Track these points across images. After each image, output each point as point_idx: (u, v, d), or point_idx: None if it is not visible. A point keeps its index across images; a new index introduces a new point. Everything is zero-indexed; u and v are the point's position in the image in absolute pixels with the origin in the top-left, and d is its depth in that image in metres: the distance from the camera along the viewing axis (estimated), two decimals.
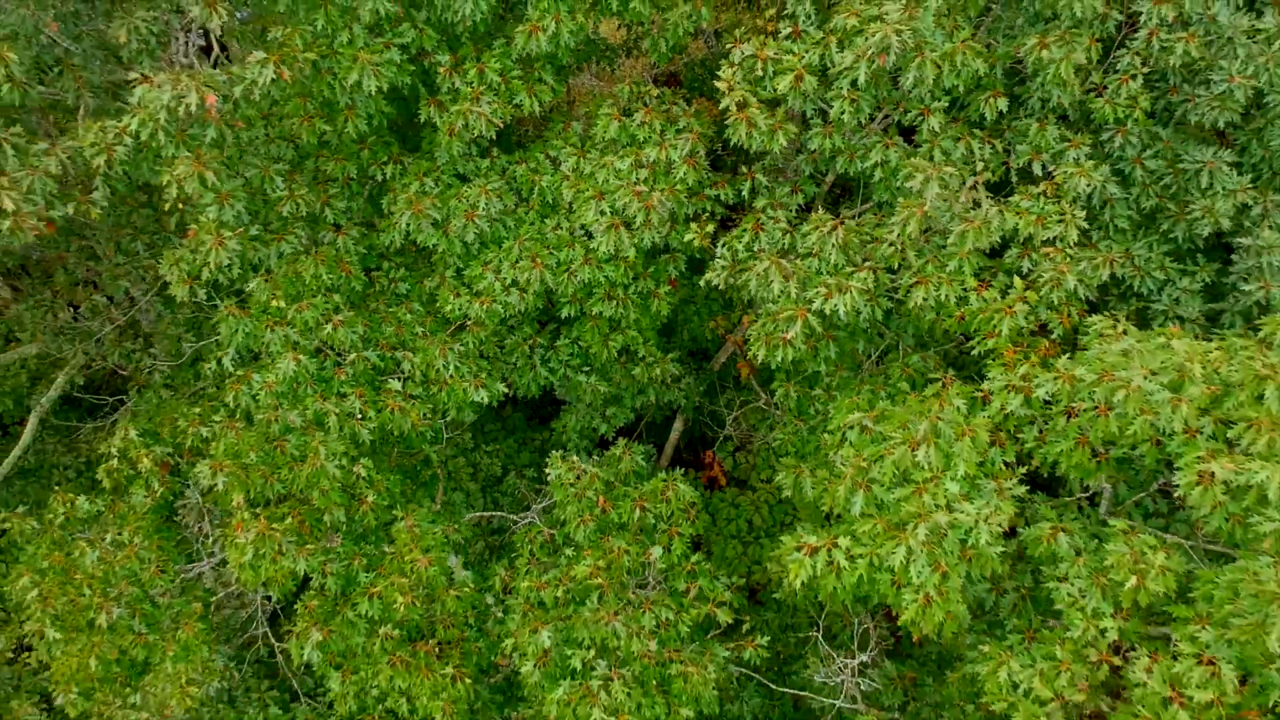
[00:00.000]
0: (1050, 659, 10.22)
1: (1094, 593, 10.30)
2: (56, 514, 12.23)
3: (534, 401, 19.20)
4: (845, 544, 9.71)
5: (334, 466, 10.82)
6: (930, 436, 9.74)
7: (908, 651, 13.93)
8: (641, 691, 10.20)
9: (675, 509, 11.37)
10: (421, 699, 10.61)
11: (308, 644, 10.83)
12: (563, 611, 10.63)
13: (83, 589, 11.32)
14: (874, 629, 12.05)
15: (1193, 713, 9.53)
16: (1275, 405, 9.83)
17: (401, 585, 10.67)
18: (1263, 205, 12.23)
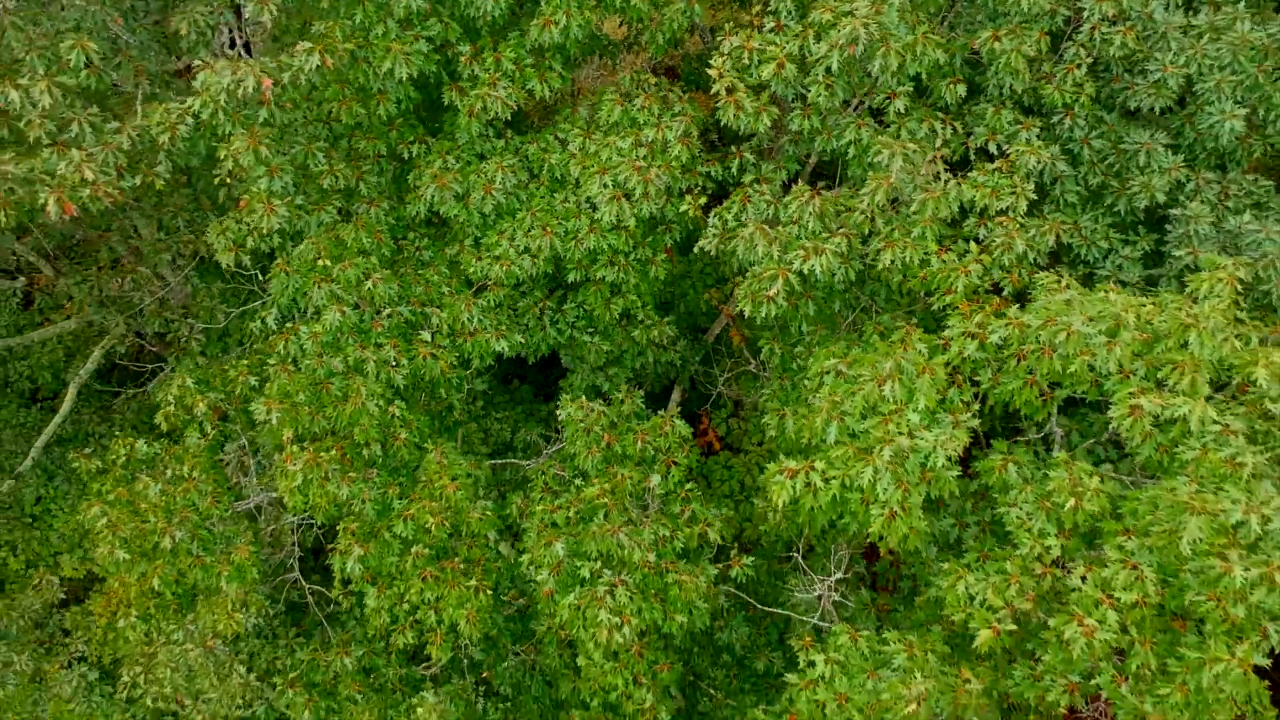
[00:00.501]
0: (1001, 573, 11.67)
1: (1039, 515, 11.76)
2: (118, 455, 13.65)
3: (540, 376, 20.66)
4: (821, 467, 11.17)
5: (374, 405, 12.25)
6: (895, 373, 11.23)
7: (882, 585, 15.40)
8: (641, 597, 11.63)
9: (672, 442, 12.84)
10: (448, 610, 12.03)
11: (350, 558, 12.26)
12: (573, 529, 12.07)
13: (147, 516, 12.73)
14: (848, 553, 13.47)
15: (1120, 612, 11.01)
16: (1197, 350, 11.34)
17: (432, 508, 12.11)
18: (1195, 182, 13.75)
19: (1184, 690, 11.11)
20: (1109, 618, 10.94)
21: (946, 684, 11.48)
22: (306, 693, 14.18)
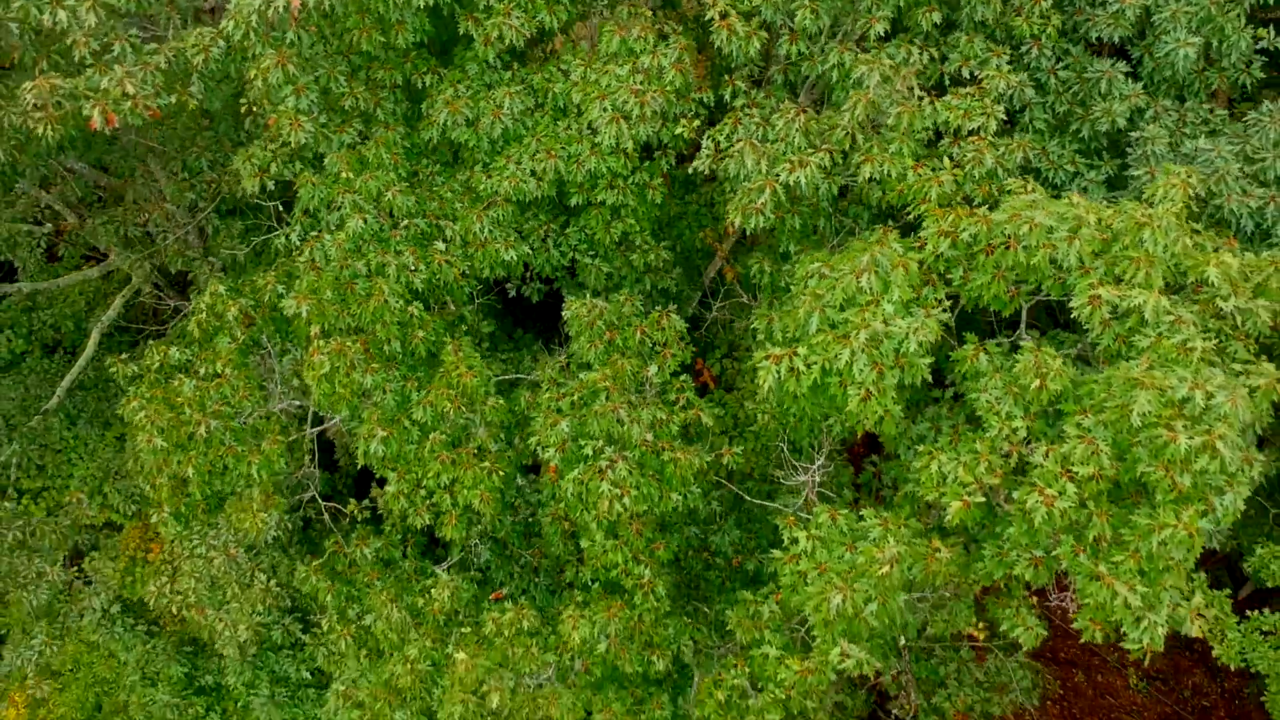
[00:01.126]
0: (972, 453, 12.70)
1: (1007, 400, 12.80)
2: (153, 361, 14.66)
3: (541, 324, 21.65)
4: (803, 353, 12.21)
5: (395, 301, 13.28)
6: (871, 266, 12.27)
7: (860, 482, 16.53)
8: (640, 473, 12.65)
9: (669, 336, 13.87)
10: (462, 492, 13.04)
11: (374, 440, 13.27)
12: (577, 412, 13.09)
13: (182, 409, 13.73)
14: (828, 442, 14.49)
15: (1078, 485, 12.04)
16: (1152, 246, 12.40)
17: (449, 395, 13.13)
18: (1154, 109, 14.81)
19: (1136, 557, 12.15)
20: (1068, 490, 11.97)
21: (918, 552, 12.50)
22: (328, 579, 15.18)
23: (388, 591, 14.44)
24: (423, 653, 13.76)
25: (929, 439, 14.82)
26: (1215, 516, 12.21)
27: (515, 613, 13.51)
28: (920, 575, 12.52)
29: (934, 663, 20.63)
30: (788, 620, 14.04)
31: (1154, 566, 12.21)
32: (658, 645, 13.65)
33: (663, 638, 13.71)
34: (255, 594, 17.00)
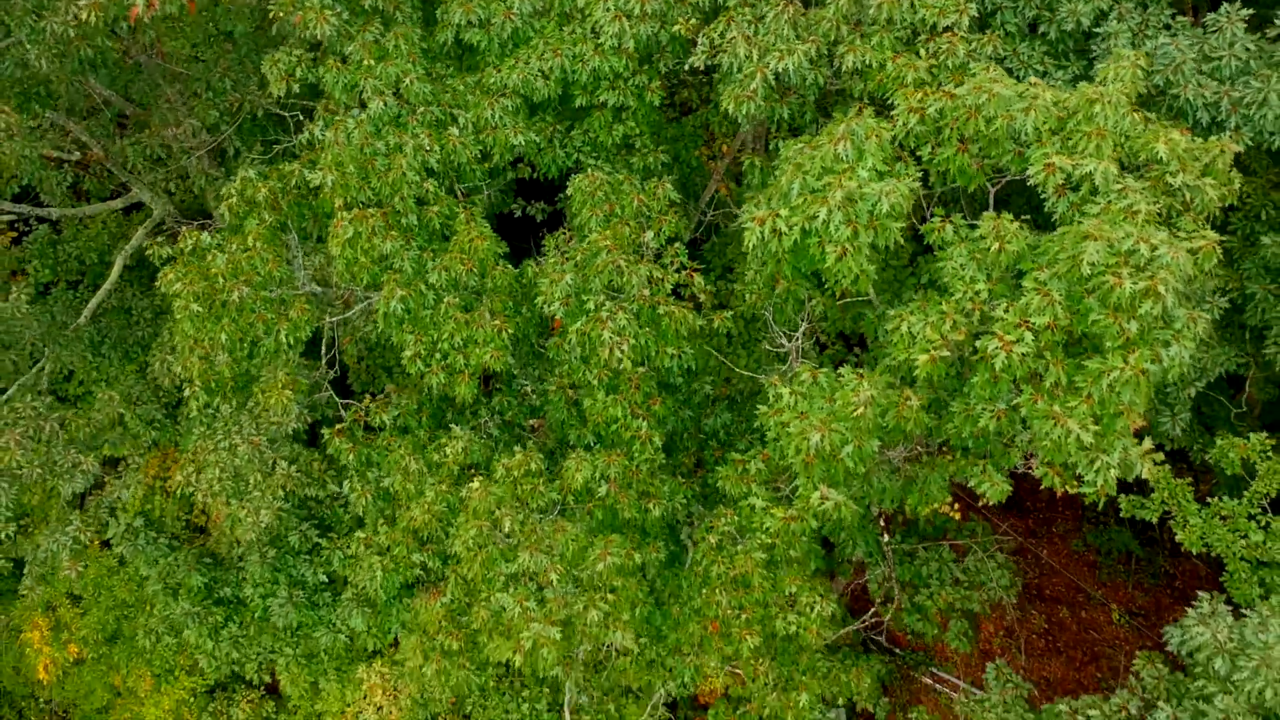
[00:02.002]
0: (939, 313, 13.95)
1: (971, 265, 14.07)
2: (186, 245, 15.93)
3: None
4: (785, 214, 13.50)
5: (413, 175, 14.55)
6: (847, 135, 13.56)
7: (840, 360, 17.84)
8: (637, 324, 13.92)
9: (664, 204, 15.16)
10: (474, 350, 14.30)
11: (393, 300, 14.52)
12: (580, 271, 14.36)
13: (216, 279, 15.00)
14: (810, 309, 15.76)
15: (1036, 334, 13.30)
16: (1102, 120, 13.67)
17: (462, 259, 14.40)
18: (1118, 11, 16.09)
19: (1089, 401, 13.41)
20: (1025, 338, 13.24)
21: (891, 399, 13.75)
22: (349, 441, 16.44)
23: (405, 448, 15.69)
24: (439, 496, 15.02)
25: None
26: (1162, 367, 13.47)
27: (524, 456, 14.78)
28: (893, 421, 13.74)
29: (916, 564, 21.87)
30: (773, 479, 15.29)
31: (1106, 411, 13.46)
32: (654, 495, 14.92)
33: (659, 490, 14.98)
34: (277, 480, 18.25)
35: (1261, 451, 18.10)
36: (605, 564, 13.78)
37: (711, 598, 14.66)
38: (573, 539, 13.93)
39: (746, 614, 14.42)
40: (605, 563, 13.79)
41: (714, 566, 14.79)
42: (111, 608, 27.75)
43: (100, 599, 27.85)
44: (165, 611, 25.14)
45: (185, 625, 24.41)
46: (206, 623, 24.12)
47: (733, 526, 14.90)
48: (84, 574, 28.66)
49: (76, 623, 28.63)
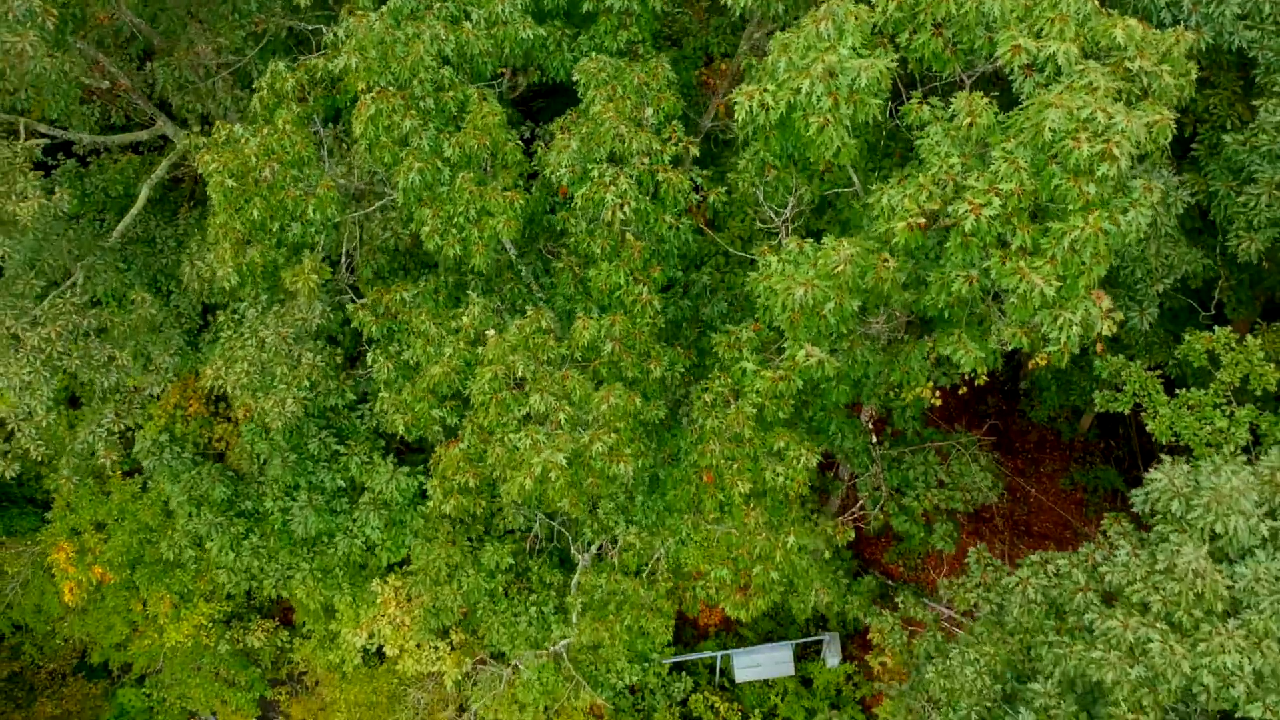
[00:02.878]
0: (916, 186, 15.23)
1: (945, 141, 15.35)
2: (219, 135, 17.23)
3: None
4: (771, 89, 14.78)
5: (429, 60, 15.83)
6: (829, 16, 14.84)
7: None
8: (638, 188, 15.19)
9: (663, 83, 16.45)
10: (488, 223, 15.57)
11: (411, 173, 15.79)
12: (586, 142, 15.65)
13: (249, 159, 16.30)
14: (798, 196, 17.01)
15: (1003, 199, 14.56)
16: (1065, 7, 14.94)
17: (476, 134, 15.70)
18: None
19: (1053, 262, 14.68)
20: (993, 202, 14.51)
21: (870, 261, 15.01)
22: (373, 314, 17.74)
23: (425, 314, 16.99)
24: (456, 352, 16.28)
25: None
26: (1120, 230, 14.73)
27: (534, 313, 16.06)
28: (872, 282, 14.99)
29: (903, 468, 23.12)
30: (764, 349, 16.55)
31: (1069, 271, 14.72)
32: (654, 357, 16.19)
33: (659, 353, 16.26)
34: (302, 372, 19.51)
35: (1225, 344, 19.33)
36: (609, 405, 15.05)
37: (706, 449, 15.94)
38: (579, 384, 15.20)
39: (738, 464, 15.69)
40: (609, 403, 15.06)
41: (709, 422, 16.06)
42: (135, 531, 29.04)
43: (124, 523, 29.15)
44: (189, 526, 26.42)
45: (208, 537, 25.63)
46: (228, 533, 25.36)
47: (726, 389, 16.16)
48: (108, 501, 30.03)
49: (101, 547, 29.93)
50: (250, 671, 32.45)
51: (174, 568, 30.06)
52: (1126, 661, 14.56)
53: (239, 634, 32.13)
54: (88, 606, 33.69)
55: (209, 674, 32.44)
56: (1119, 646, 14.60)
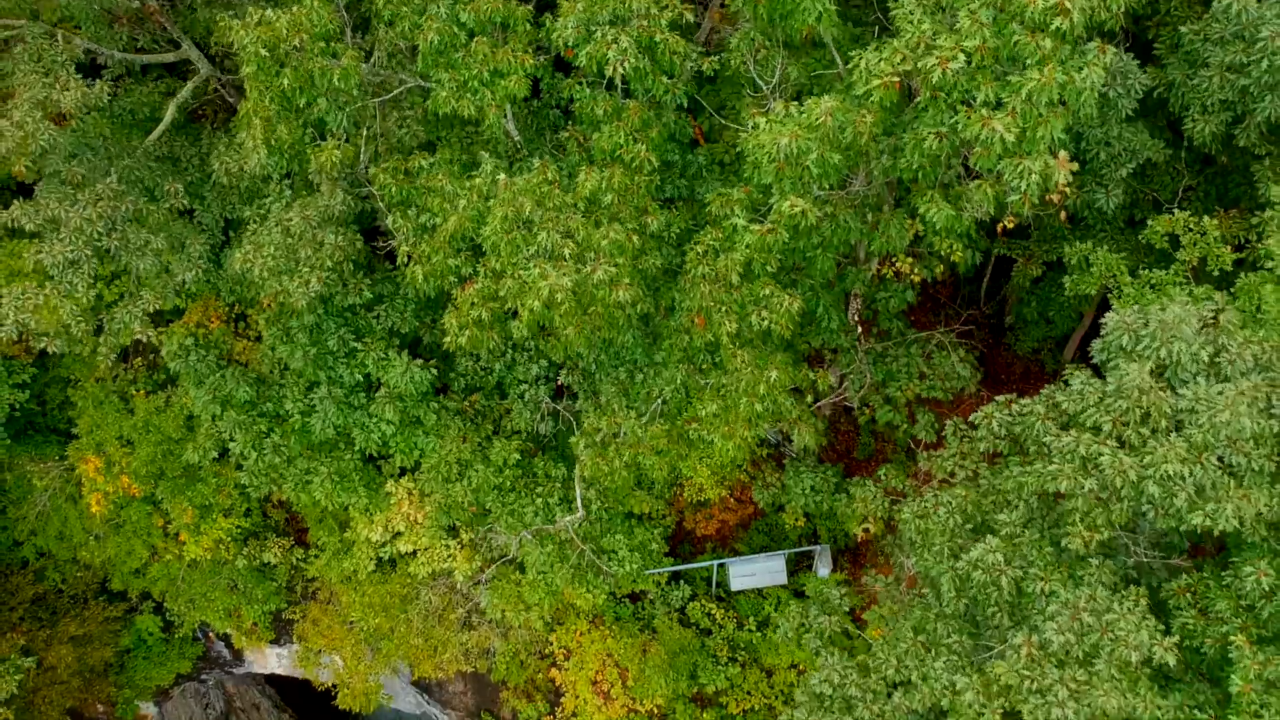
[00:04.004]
0: (891, 50, 16.79)
1: (918, 10, 16.94)
2: (253, 17, 18.81)
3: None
4: None
5: None
6: None
7: None
8: (637, 46, 16.76)
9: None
10: (500, 84, 17.14)
11: (430, 33, 17.37)
12: (589, 8, 17.26)
13: (280, 32, 17.88)
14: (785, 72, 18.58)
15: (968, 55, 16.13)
16: None
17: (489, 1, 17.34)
18: None
19: (1013, 114, 16.26)
20: (959, 57, 16.09)
21: (849, 116, 16.59)
22: (393, 177, 19.32)
23: (442, 173, 18.58)
24: (470, 204, 17.84)
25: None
26: (1075, 87, 16.31)
27: (541, 165, 17.66)
28: (850, 136, 16.57)
29: (887, 362, 24.64)
30: (753, 210, 18.12)
31: (1028, 122, 16.29)
32: (651, 213, 17.77)
33: (655, 210, 17.84)
34: (325, 253, 21.09)
35: (1185, 226, 20.88)
36: (609, 240, 16.62)
37: (697, 291, 17.47)
38: (582, 225, 16.75)
39: (726, 307, 17.20)
40: (609, 239, 16.63)
41: (700, 268, 17.61)
42: (159, 443, 30.58)
43: (149, 435, 30.69)
44: (213, 430, 27.97)
45: (231, 436, 27.13)
46: (251, 431, 26.87)
47: (717, 242, 17.72)
48: (133, 417, 31.57)
49: (126, 460, 31.48)
50: (266, 585, 33.99)
51: (195, 481, 31.64)
52: (1080, 474, 16.09)
53: (256, 550, 33.70)
54: (108, 533, 35.30)
55: (226, 587, 33.98)
56: (1073, 460, 16.13)
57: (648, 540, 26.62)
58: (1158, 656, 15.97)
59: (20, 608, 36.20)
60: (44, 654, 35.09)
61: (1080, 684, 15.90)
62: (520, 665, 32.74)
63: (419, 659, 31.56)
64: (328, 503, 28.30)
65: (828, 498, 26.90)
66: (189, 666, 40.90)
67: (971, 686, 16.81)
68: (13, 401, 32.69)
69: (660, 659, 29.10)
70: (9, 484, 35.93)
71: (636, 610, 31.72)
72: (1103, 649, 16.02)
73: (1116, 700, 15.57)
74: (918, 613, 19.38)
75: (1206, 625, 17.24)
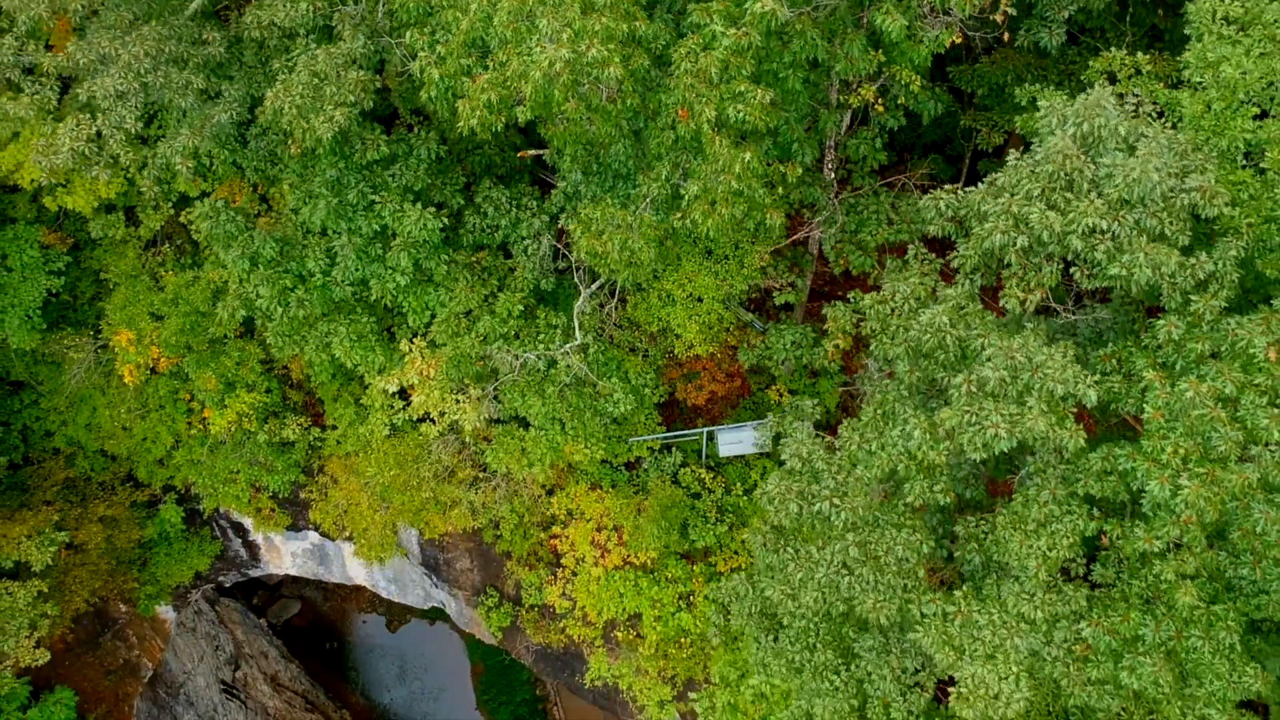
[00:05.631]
0: None
1: None
2: None
3: None
4: None
5: None
6: None
7: None
8: None
9: None
10: None
11: None
12: None
13: None
14: None
15: None
16: None
17: None
18: None
19: None
20: None
21: None
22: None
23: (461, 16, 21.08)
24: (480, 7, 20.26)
25: None
26: None
27: None
28: None
29: (859, 211, 27.05)
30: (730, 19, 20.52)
31: None
32: (638, 18, 20.14)
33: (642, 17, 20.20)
34: (347, 86, 23.56)
35: (1120, 63, 23.27)
36: (600, 25, 19.01)
37: (681, 85, 19.82)
38: (578, 15, 19.13)
39: (706, 98, 19.52)
40: (600, 24, 19.02)
41: (684, 64, 19.97)
42: (187, 314, 32.99)
43: (178, 308, 33.12)
44: (241, 290, 30.36)
45: (258, 293, 29.49)
46: (277, 285, 29.26)
47: (698, 48, 20.10)
48: (163, 293, 34.00)
49: (156, 332, 33.91)
50: (286, 458, 36.36)
51: (220, 355, 34.07)
52: (1013, 231, 18.48)
53: (276, 428, 36.10)
54: (134, 422, 37.67)
55: (248, 462, 36.37)
56: (1007, 219, 18.52)
57: (641, 384, 28.98)
58: (1080, 392, 18.30)
59: (52, 490, 38.53)
60: (75, 533, 37.32)
61: (1013, 415, 18.24)
62: (524, 536, 35.08)
63: (430, 517, 33.88)
64: (346, 360, 30.65)
65: (808, 351, 29.25)
66: (207, 564, 43.12)
67: (919, 426, 19.16)
68: (49, 287, 35.20)
69: (653, 511, 31.42)
70: (42, 376, 38.35)
71: (631, 477, 34.10)
72: (1033, 387, 18.36)
73: (1044, 423, 17.91)
74: (879, 395, 21.75)
75: (1129, 386, 19.60)
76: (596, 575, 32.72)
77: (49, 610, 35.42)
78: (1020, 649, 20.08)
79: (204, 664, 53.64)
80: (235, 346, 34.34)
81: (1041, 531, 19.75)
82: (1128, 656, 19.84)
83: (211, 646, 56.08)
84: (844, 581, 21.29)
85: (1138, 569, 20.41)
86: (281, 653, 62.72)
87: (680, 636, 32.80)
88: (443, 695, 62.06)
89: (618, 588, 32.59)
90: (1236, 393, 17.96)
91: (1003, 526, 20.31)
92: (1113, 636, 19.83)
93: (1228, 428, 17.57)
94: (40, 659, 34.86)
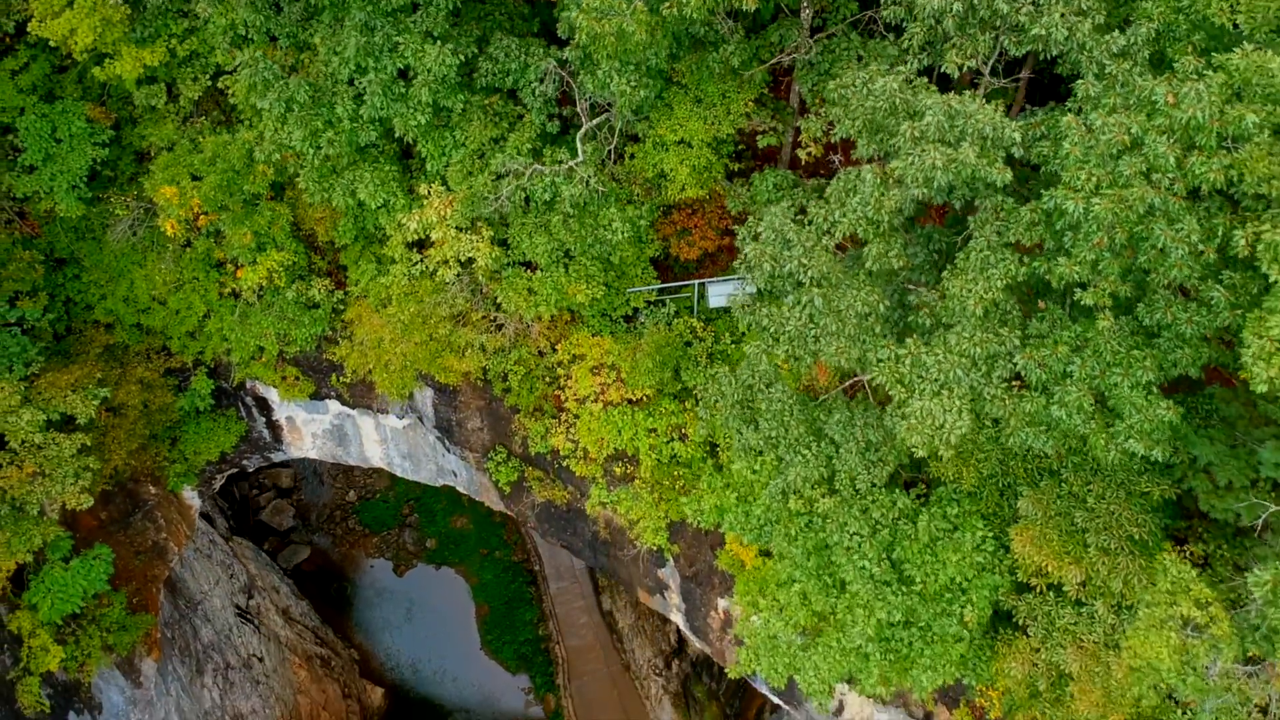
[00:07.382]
0: None
1: None
2: None
3: None
4: None
5: None
6: None
7: None
8: None
9: None
10: None
11: None
12: None
13: None
14: None
15: None
16: None
17: None
18: None
19: None
20: None
21: None
22: None
23: None
24: None
25: None
26: None
27: None
28: None
29: (834, 51, 30.27)
30: None
31: None
32: None
33: None
34: None
35: None
36: None
37: None
38: None
39: None
40: None
41: None
42: (224, 171, 36.34)
43: (216, 166, 36.48)
44: (277, 136, 33.69)
45: (291, 135, 32.82)
46: (309, 127, 32.60)
47: None
48: (202, 154, 37.33)
49: (197, 189, 37.26)
50: (313, 313, 39.61)
51: (253, 213, 37.39)
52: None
53: (303, 288, 39.40)
54: (168, 294, 40.91)
55: (277, 317, 39.62)
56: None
57: (637, 216, 32.26)
58: (1006, 136, 21.52)
59: (94, 354, 41.76)
60: (115, 390, 40.50)
61: (949, 155, 21.46)
62: (530, 389, 38.22)
63: (446, 361, 37.06)
64: (371, 201, 33.97)
65: (788, 193, 32.45)
66: (232, 444, 46.34)
67: (873, 172, 22.40)
68: (95, 157, 38.56)
69: (649, 348, 34.59)
70: (84, 251, 41.62)
71: (629, 328, 37.30)
72: (967, 132, 21.59)
73: (973, 155, 21.13)
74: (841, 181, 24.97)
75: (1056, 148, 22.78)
76: (595, 412, 35.84)
77: (91, 464, 38.35)
78: (963, 381, 23.18)
79: (220, 588, 56.63)
80: (267, 207, 37.65)
81: (979, 276, 22.91)
82: (1057, 390, 22.90)
83: (227, 574, 59.18)
84: (810, 333, 24.46)
85: (1068, 324, 23.47)
86: (293, 590, 65.45)
87: (674, 468, 35.91)
88: (448, 635, 65.00)
89: (616, 422, 35.72)
90: (1141, 133, 21.11)
91: (947, 280, 23.46)
92: (1043, 369, 22.91)
93: (1131, 155, 20.73)
94: (84, 503, 37.77)
